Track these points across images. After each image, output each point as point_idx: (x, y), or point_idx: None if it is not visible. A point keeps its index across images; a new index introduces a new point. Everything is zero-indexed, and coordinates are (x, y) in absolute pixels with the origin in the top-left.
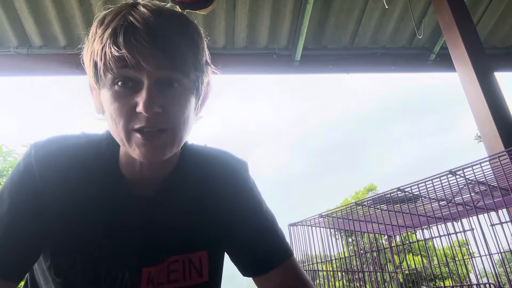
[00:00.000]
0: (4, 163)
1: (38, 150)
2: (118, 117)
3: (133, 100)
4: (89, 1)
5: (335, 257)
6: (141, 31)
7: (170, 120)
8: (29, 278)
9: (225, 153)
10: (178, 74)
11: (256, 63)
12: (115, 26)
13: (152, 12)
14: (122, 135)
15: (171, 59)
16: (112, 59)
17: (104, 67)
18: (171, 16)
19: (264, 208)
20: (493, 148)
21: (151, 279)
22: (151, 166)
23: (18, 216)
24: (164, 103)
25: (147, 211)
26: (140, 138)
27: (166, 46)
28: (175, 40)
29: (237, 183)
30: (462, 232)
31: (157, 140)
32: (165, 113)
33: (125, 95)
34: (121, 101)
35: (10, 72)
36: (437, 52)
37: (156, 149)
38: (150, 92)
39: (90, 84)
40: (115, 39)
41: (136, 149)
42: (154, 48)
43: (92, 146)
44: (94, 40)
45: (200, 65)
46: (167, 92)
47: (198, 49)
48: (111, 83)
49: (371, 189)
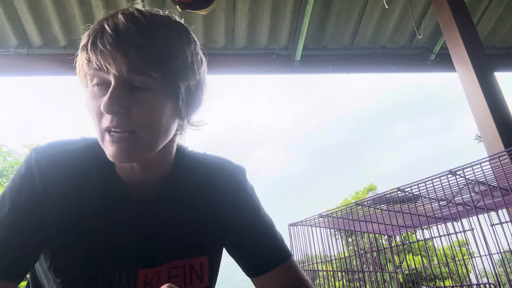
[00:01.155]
0: (4, 163)
1: (38, 154)
2: (92, 116)
3: (102, 100)
4: (89, 1)
5: (335, 257)
6: (108, 35)
7: (135, 122)
8: (31, 277)
9: (223, 159)
10: (143, 77)
11: (256, 63)
12: (90, 31)
13: (128, 18)
14: (98, 135)
15: (133, 62)
16: (85, 61)
17: (81, 68)
18: (149, 21)
19: (262, 213)
20: (493, 148)
21: (149, 282)
22: (141, 168)
23: (19, 218)
24: (129, 105)
25: (144, 213)
26: (108, 137)
27: (130, 50)
28: (142, 44)
29: (235, 189)
30: (462, 232)
31: (123, 142)
32: (129, 114)
33: (97, 95)
34: (94, 101)
35: (10, 72)
36: (437, 52)
37: (123, 150)
38: (113, 92)
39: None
40: (86, 43)
41: (107, 148)
42: (116, 51)
43: (91, 150)
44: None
45: (174, 67)
46: (134, 95)
47: (170, 52)
48: (90, 84)
49: (371, 189)
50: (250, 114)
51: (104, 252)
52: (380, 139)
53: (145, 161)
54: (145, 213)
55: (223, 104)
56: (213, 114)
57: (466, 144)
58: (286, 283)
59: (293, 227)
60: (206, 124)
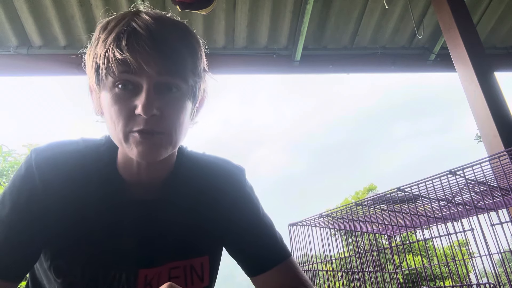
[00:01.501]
0: (4, 163)
1: (38, 155)
2: (117, 119)
3: (132, 103)
4: (89, 1)
5: (335, 257)
6: (144, 36)
7: (167, 123)
8: (30, 278)
9: (222, 159)
10: (178, 79)
11: (256, 63)
12: (119, 31)
13: (154, 19)
14: (120, 136)
15: (171, 64)
16: (115, 62)
17: (106, 70)
18: (172, 24)
19: (261, 212)
20: (493, 148)
21: (149, 282)
22: (147, 168)
23: (19, 218)
24: (162, 107)
25: (145, 214)
26: (137, 137)
27: (167, 52)
28: (176, 46)
29: (234, 189)
30: (462, 232)
31: (153, 142)
32: (162, 116)
33: (125, 97)
34: (120, 104)
35: (10, 72)
36: (437, 52)
37: (153, 148)
38: (149, 95)
39: (90, 87)
40: (119, 43)
41: (134, 148)
42: (156, 53)
43: (91, 151)
44: (97, 44)
45: (198, 72)
46: (165, 96)
47: (197, 56)
48: (112, 86)
49: (371, 189)
50: (250, 114)
51: (105, 252)
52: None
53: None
54: (146, 213)
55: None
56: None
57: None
58: (285, 282)
59: (293, 227)
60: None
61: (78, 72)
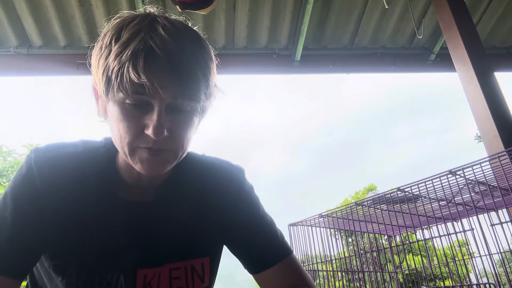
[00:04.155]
0: (4, 163)
1: (38, 155)
2: (125, 134)
3: (143, 121)
4: (89, 1)
5: (335, 257)
6: (161, 58)
7: (174, 142)
8: (30, 278)
9: (221, 160)
10: (190, 102)
11: (256, 63)
12: (135, 49)
13: (172, 36)
14: (126, 150)
15: (186, 88)
16: (130, 82)
17: (118, 86)
18: (190, 41)
19: (262, 211)
20: (493, 148)
21: (148, 282)
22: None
23: (21, 217)
24: (172, 127)
25: (144, 215)
26: (145, 153)
27: (183, 76)
28: (192, 68)
29: (234, 189)
30: (462, 232)
31: (159, 159)
32: (171, 136)
33: (134, 115)
34: (131, 121)
35: (10, 72)
36: (437, 52)
37: (159, 164)
38: (161, 117)
39: (95, 88)
40: (135, 63)
41: (138, 163)
42: (172, 77)
43: (90, 153)
44: (109, 55)
45: (210, 92)
46: (175, 116)
47: (210, 75)
48: (122, 100)
49: (371, 189)
50: (251, 114)
51: (103, 252)
52: (380, 139)
53: None
54: (146, 214)
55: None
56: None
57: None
58: (287, 278)
59: (293, 227)
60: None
61: (78, 72)
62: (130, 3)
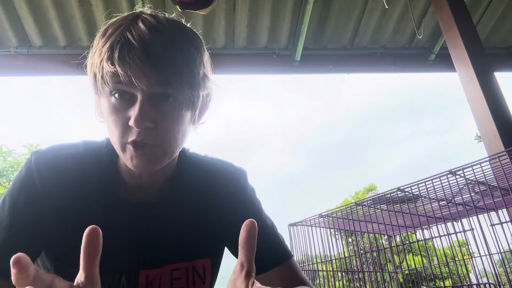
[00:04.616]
0: (4, 163)
1: (38, 158)
2: (114, 128)
3: (128, 113)
4: (89, 1)
5: (335, 257)
6: (136, 48)
7: (160, 135)
8: None
9: (224, 162)
10: (171, 90)
11: (256, 63)
12: (113, 41)
13: (150, 28)
14: (117, 146)
15: (164, 76)
16: (109, 73)
17: (101, 79)
18: (170, 32)
19: (263, 214)
20: (493, 148)
21: (150, 282)
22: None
23: (18, 220)
24: (156, 118)
25: (146, 216)
26: (132, 150)
27: (159, 64)
28: (170, 57)
29: (236, 191)
30: (462, 232)
31: (148, 154)
32: (156, 127)
33: (121, 108)
34: (117, 114)
35: (10, 72)
36: (437, 52)
37: (147, 161)
38: (142, 107)
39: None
40: (111, 54)
41: (129, 159)
42: (147, 66)
43: (91, 154)
44: (96, 52)
45: (195, 81)
46: (160, 107)
47: (194, 65)
48: (109, 94)
49: (371, 189)
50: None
51: (105, 253)
52: (381, 139)
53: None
54: (147, 215)
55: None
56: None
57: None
58: (286, 281)
59: (293, 227)
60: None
61: (78, 72)
62: (130, 3)
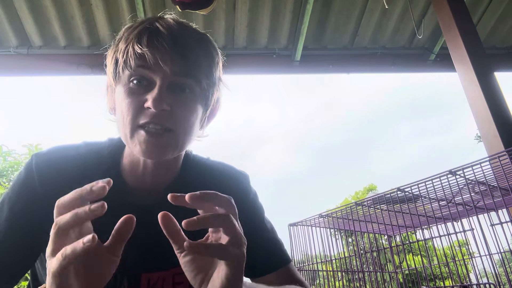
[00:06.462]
0: (4, 163)
1: (39, 159)
2: (127, 111)
3: (144, 97)
4: (89, 1)
5: (335, 257)
6: (164, 35)
7: (176, 121)
8: (32, 278)
9: (227, 165)
10: (191, 80)
11: (256, 63)
12: (141, 29)
13: (177, 23)
14: (127, 130)
15: (187, 65)
16: (133, 56)
17: (124, 63)
18: (194, 30)
19: (265, 219)
20: (493, 148)
21: (152, 286)
22: (153, 171)
23: (16, 223)
24: (173, 104)
25: (149, 219)
26: (143, 135)
27: (185, 53)
28: (194, 49)
29: (239, 194)
30: (462, 232)
31: (160, 138)
32: (172, 113)
33: (138, 92)
34: (132, 97)
35: (10, 72)
36: (437, 52)
37: (158, 147)
38: (161, 90)
39: (107, 83)
40: (140, 39)
41: (137, 145)
42: (173, 52)
43: (93, 155)
44: (120, 42)
45: (212, 77)
46: (177, 96)
47: (213, 61)
48: (127, 80)
49: (371, 189)
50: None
51: None
52: (381, 139)
53: (161, 164)
54: (150, 218)
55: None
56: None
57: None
58: (284, 285)
59: (293, 227)
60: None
61: (78, 72)
62: (130, 3)
